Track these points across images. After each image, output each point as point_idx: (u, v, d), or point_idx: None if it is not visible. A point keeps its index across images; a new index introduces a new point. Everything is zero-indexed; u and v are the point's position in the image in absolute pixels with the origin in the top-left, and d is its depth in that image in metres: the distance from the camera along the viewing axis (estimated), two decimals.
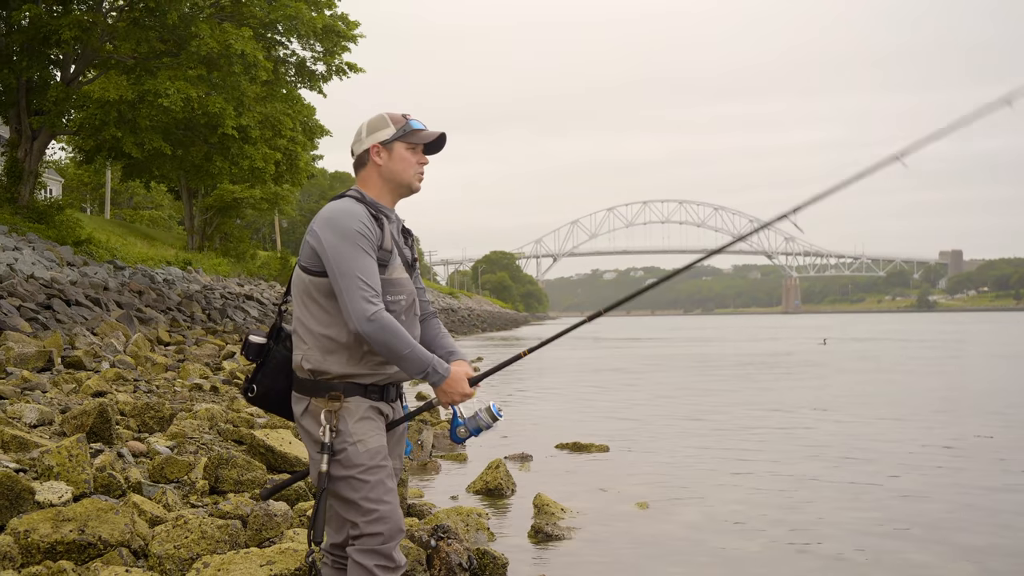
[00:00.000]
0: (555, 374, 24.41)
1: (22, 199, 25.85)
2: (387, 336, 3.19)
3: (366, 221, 3.29)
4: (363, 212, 3.32)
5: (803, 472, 9.23)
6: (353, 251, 3.23)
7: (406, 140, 3.41)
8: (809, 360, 30.04)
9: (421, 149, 3.45)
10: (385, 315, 3.20)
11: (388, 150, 3.42)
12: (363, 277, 3.20)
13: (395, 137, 3.41)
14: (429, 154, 3.51)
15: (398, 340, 3.20)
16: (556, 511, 7.18)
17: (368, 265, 3.23)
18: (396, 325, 3.21)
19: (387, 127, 3.42)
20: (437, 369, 3.26)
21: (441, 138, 3.46)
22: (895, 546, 6.40)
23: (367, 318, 3.17)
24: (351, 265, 3.21)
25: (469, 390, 3.33)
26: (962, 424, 12.85)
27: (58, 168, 58.58)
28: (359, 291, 3.19)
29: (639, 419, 13.83)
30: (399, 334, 3.21)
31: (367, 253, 3.25)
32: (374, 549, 3.22)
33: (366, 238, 3.26)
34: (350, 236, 3.24)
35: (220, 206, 44.74)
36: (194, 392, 11.35)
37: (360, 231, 3.25)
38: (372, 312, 3.17)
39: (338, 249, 3.23)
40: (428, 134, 3.43)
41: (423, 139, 3.42)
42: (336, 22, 28.89)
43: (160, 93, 23.47)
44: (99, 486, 5.56)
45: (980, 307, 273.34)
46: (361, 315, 3.17)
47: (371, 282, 3.22)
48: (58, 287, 18.09)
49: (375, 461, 3.27)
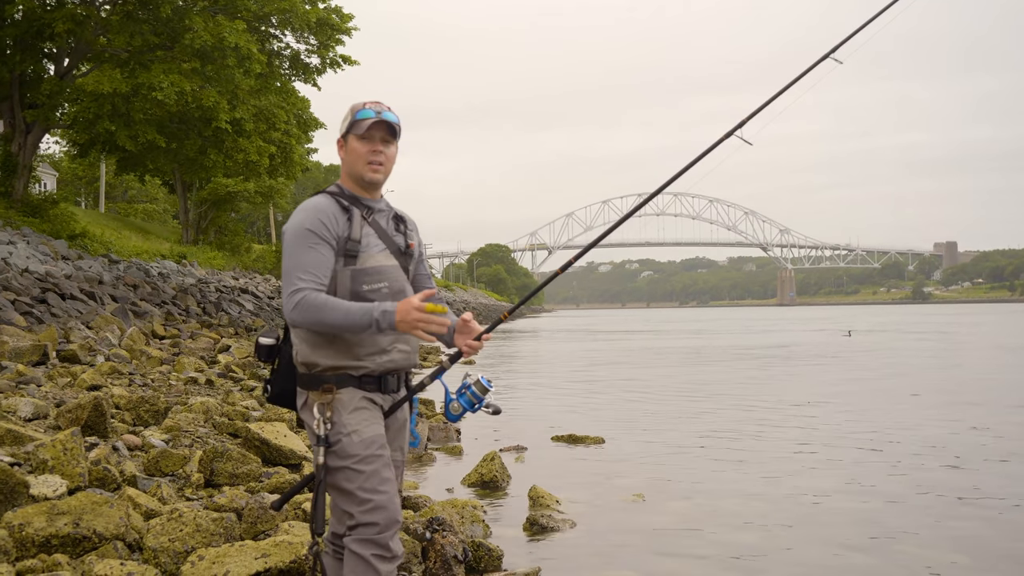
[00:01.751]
0: (552, 366, 24.42)
1: (16, 193, 25.78)
2: (315, 314, 3.16)
3: (324, 216, 3.29)
4: (326, 205, 3.32)
5: (803, 465, 9.25)
6: (295, 248, 3.25)
7: (353, 131, 3.39)
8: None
9: (378, 138, 3.39)
10: (308, 295, 3.17)
11: (346, 143, 3.42)
12: (297, 272, 3.21)
13: (347, 130, 3.41)
14: (394, 139, 3.43)
15: (329, 312, 3.16)
16: (551, 503, 7.18)
17: (310, 259, 3.23)
18: (320, 299, 3.16)
19: (347, 119, 3.43)
20: (384, 310, 3.15)
21: (380, 124, 3.37)
22: (895, 537, 6.42)
23: (291, 308, 3.18)
24: (290, 262, 3.24)
25: (420, 303, 3.13)
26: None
27: (52, 162, 58.49)
28: (289, 286, 3.21)
29: (638, 411, 13.85)
30: (327, 305, 3.16)
31: (312, 248, 3.25)
32: (370, 539, 3.22)
33: (315, 233, 3.26)
34: (297, 234, 3.27)
35: (215, 199, 44.74)
36: (189, 386, 11.35)
37: (310, 228, 3.26)
38: (295, 301, 3.17)
39: (285, 248, 3.28)
40: (366, 122, 3.36)
41: (362, 128, 3.37)
42: (330, 15, 28.77)
43: (154, 86, 23.39)
44: (94, 480, 5.56)
45: (975, 299, 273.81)
46: (287, 307, 3.19)
47: (303, 274, 3.21)
48: (53, 281, 18.05)
49: (370, 451, 3.28)
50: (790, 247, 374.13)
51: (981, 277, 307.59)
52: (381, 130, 3.39)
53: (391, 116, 3.40)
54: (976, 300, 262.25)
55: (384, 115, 3.38)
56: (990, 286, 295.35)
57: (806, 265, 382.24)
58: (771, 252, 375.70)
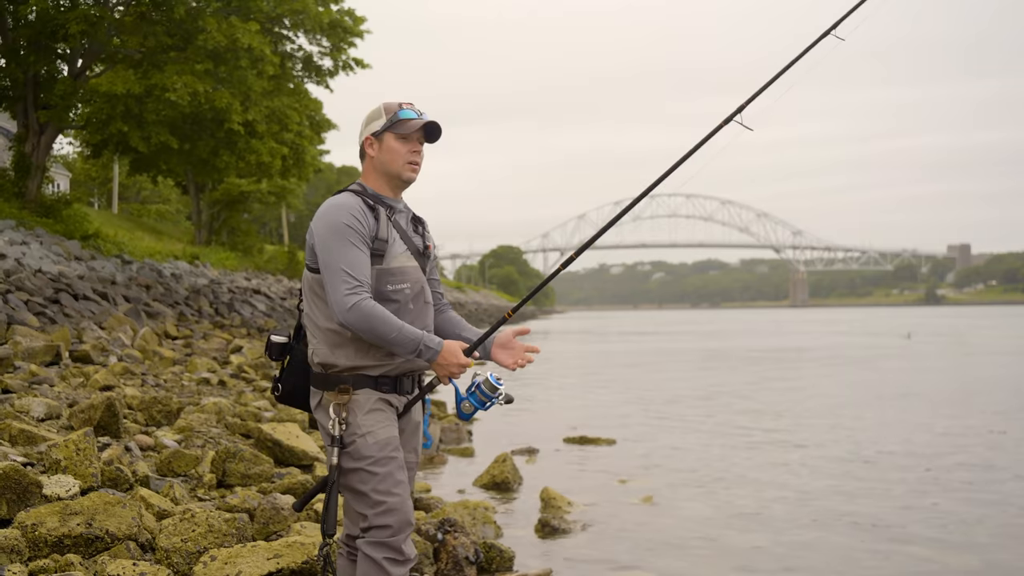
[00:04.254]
0: (564, 368, 24.40)
1: (30, 193, 25.87)
2: (370, 322, 3.18)
3: (357, 213, 3.29)
4: (355, 204, 3.32)
5: (818, 466, 9.22)
6: (339, 244, 3.24)
7: (394, 130, 3.38)
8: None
9: (416, 138, 3.41)
10: (366, 302, 3.19)
11: (379, 141, 3.41)
12: (347, 269, 3.21)
13: (384, 128, 3.40)
14: (429, 142, 3.47)
15: (383, 324, 3.18)
16: (563, 505, 7.17)
17: (355, 257, 3.23)
18: (379, 310, 3.19)
19: (380, 118, 3.41)
20: (429, 345, 3.22)
21: (430, 126, 3.41)
22: (904, 540, 6.38)
23: (347, 308, 3.17)
24: (335, 258, 3.23)
25: (465, 360, 3.26)
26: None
27: (66, 163, 58.65)
28: (341, 283, 3.20)
29: (650, 413, 13.82)
30: (383, 318, 3.18)
31: (355, 245, 3.25)
32: (383, 542, 3.22)
33: (354, 230, 3.26)
34: (337, 230, 3.25)
35: (227, 200, 44.81)
36: (201, 386, 11.37)
37: (348, 224, 3.26)
38: (352, 302, 3.17)
39: (326, 244, 3.26)
40: (414, 123, 3.38)
41: (409, 129, 3.37)
42: (343, 17, 28.81)
43: (167, 87, 23.46)
44: (106, 480, 5.56)
45: (988, 301, 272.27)
46: (342, 306, 3.18)
47: (355, 273, 3.21)
48: (66, 281, 18.11)
49: (384, 452, 3.27)
50: (803, 249, 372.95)
51: (995, 279, 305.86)
52: (422, 132, 3.42)
53: (434, 120, 3.43)
54: (990, 302, 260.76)
55: (428, 119, 3.40)
56: (1004, 288, 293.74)
57: (819, 267, 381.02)
58: (784, 254, 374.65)
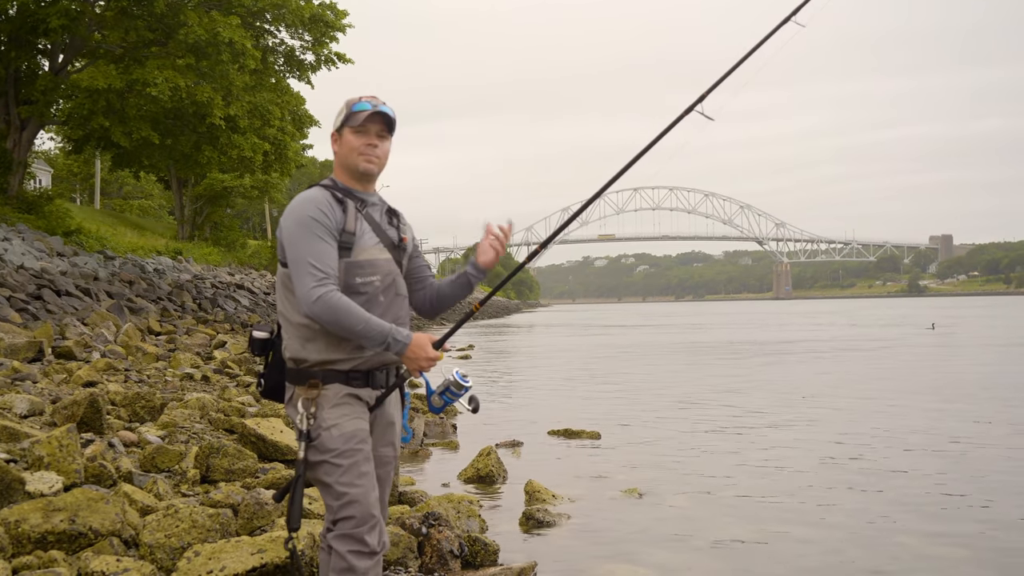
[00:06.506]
0: (548, 360, 24.43)
1: (11, 189, 25.73)
2: (336, 314, 3.19)
3: (323, 207, 3.31)
4: (322, 198, 3.34)
5: (803, 459, 9.27)
6: (305, 238, 3.25)
7: (349, 124, 3.40)
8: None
9: (374, 131, 3.42)
10: (332, 294, 3.20)
11: (340, 136, 3.44)
12: (313, 261, 3.22)
13: (342, 123, 3.43)
14: (390, 134, 3.47)
15: (348, 316, 3.19)
16: (547, 498, 7.19)
17: (321, 249, 3.25)
18: (344, 302, 3.20)
19: (341, 114, 3.45)
20: (397, 338, 3.23)
21: (378, 115, 3.40)
22: (893, 533, 6.43)
23: (312, 300, 3.19)
24: (301, 251, 3.24)
25: (433, 353, 3.27)
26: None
27: (47, 158, 58.31)
28: (308, 275, 3.21)
29: (635, 405, 13.86)
30: (349, 310, 3.19)
31: (320, 238, 3.26)
32: (347, 534, 3.23)
33: (320, 223, 3.27)
34: (303, 223, 3.27)
35: (210, 195, 44.67)
36: (185, 381, 11.34)
37: (314, 217, 3.28)
38: (317, 295, 3.19)
39: (292, 237, 3.28)
40: (363, 114, 3.39)
41: (358, 120, 3.39)
42: (324, 11, 28.71)
43: (148, 82, 23.35)
44: (90, 476, 5.55)
45: (970, 291, 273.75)
46: (307, 299, 3.20)
47: (321, 266, 3.23)
48: (48, 277, 18.04)
49: (349, 445, 3.28)
50: (786, 241, 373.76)
51: (977, 270, 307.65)
52: (377, 123, 3.41)
53: (387, 109, 3.43)
54: (972, 293, 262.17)
55: (380, 108, 3.40)
56: (985, 279, 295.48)
57: (802, 259, 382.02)
58: (767, 246, 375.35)
